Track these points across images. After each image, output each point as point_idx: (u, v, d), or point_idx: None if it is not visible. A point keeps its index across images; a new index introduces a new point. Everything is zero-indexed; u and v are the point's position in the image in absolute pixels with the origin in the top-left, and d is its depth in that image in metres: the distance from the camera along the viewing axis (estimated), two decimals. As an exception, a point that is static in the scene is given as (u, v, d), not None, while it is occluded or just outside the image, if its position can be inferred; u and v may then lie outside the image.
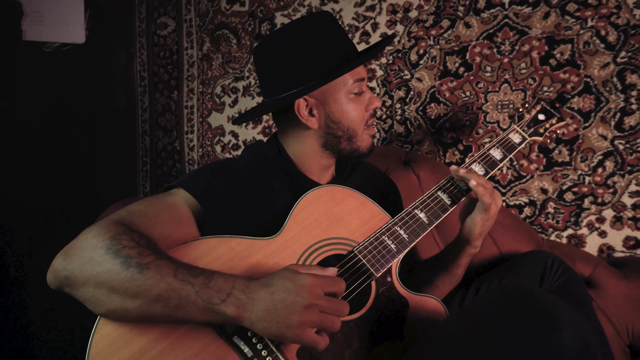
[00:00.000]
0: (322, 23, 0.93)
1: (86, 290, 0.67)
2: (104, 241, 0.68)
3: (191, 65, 1.89)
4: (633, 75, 1.27)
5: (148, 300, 0.66)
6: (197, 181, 0.84)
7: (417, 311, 0.80)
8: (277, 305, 0.66)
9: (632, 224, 1.30)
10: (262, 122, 1.77)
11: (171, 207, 0.80)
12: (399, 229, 0.85)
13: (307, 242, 0.81)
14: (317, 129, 0.94)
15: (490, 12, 1.41)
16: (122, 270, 0.66)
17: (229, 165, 0.91)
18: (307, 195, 0.86)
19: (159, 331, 0.70)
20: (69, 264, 0.68)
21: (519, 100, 1.39)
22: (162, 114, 1.96)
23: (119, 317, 0.68)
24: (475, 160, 0.98)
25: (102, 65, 2.00)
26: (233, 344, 0.71)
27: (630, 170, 1.29)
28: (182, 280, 0.67)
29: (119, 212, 0.76)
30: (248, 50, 1.77)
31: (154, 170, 2.00)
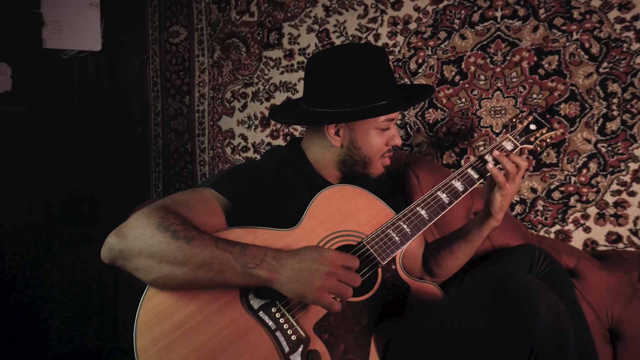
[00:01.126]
0: (374, 56, 1.02)
1: (139, 261, 0.79)
2: (155, 219, 0.80)
3: (202, 72, 2.00)
4: (614, 84, 1.39)
5: (194, 266, 0.78)
6: (228, 183, 0.95)
7: (418, 295, 0.91)
8: (304, 270, 0.78)
9: (613, 220, 1.41)
10: (270, 125, 1.88)
11: (207, 200, 0.91)
12: (402, 224, 0.96)
13: (322, 234, 0.92)
14: (338, 148, 1.05)
15: (483, 25, 1.53)
16: (171, 241, 0.78)
17: (254, 168, 1.02)
18: (322, 193, 0.97)
19: (196, 306, 0.81)
20: (123, 239, 0.80)
21: (510, 106, 1.51)
22: (174, 118, 2.07)
23: (167, 282, 0.80)
24: (472, 165, 1.09)
25: (117, 71, 2.11)
26: (259, 318, 0.82)
27: (612, 171, 1.41)
28: (222, 249, 0.79)
29: (164, 200, 0.87)
30: (257, 58, 1.88)
31: (166, 171, 2.10)
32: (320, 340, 0.83)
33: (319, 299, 0.78)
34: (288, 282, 0.78)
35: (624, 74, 1.38)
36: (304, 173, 1.06)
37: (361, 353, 0.83)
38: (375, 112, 0.98)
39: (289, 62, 1.82)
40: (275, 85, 1.85)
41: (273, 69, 1.85)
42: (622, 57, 1.38)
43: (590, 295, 1.25)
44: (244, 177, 0.98)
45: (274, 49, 1.85)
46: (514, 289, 0.70)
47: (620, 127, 1.39)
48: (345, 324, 0.85)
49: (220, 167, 1.98)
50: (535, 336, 0.68)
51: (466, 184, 1.06)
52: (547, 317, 0.68)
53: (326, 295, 0.78)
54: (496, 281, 0.73)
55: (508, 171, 1.01)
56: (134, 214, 0.84)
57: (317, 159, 1.09)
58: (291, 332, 0.82)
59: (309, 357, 0.80)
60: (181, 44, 2.03)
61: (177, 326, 0.80)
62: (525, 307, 0.68)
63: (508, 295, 0.70)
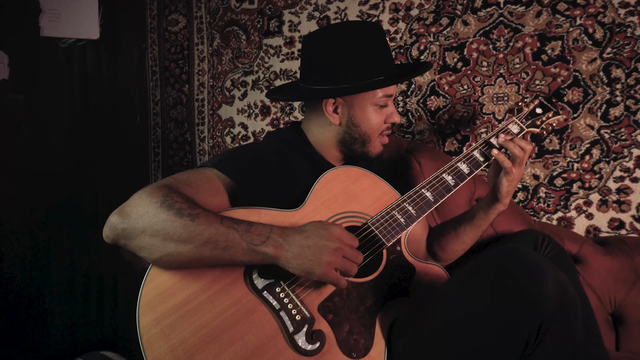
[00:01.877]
0: (371, 33, 1.02)
1: (142, 239, 0.77)
2: (158, 198, 0.79)
3: (202, 60, 1.98)
4: (617, 69, 1.38)
5: (199, 243, 0.77)
6: (230, 163, 0.94)
7: (423, 276, 0.90)
8: (311, 246, 0.78)
9: (616, 206, 1.41)
10: (270, 114, 1.86)
11: (209, 180, 0.90)
12: (407, 205, 0.96)
13: (326, 215, 0.91)
14: (337, 126, 1.04)
15: (486, 10, 1.52)
16: (176, 219, 0.77)
17: (256, 148, 1.01)
18: (327, 174, 0.96)
19: (200, 286, 0.80)
20: (126, 218, 0.78)
21: (513, 92, 1.50)
22: (174, 107, 2.05)
23: (172, 261, 0.78)
24: (478, 147, 1.08)
25: (116, 60, 2.09)
26: (263, 298, 0.81)
27: (615, 157, 1.40)
28: (227, 226, 0.78)
29: (166, 179, 0.86)
30: (257, 46, 1.86)
31: (166, 160, 2.09)
32: (324, 321, 0.82)
33: (326, 275, 0.77)
34: (295, 259, 0.77)
35: (628, 59, 1.37)
36: (306, 154, 1.05)
37: (366, 333, 0.83)
38: (372, 86, 0.97)
39: (290, 49, 1.80)
40: (276, 74, 1.84)
41: (273, 56, 1.83)
42: (626, 42, 1.37)
43: (593, 280, 1.25)
44: (246, 157, 0.96)
45: (274, 37, 1.83)
46: (523, 265, 0.70)
47: (624, 113, 1.38)
48: (350, 304, 0.85)
49: (220, 156, 1.97)
50: (543, 312, 0.67)
51: (472, 167, 1.05)
52: (555, 293, 0.67)
53: (333, 271, 0.78)
54: (504, 257, 0.72)
55: (515, 155, 1.01)
56: (136, 193, 0.83)
57: (317, 139, 1.08)
58: (295, 312, 0.81)
59: (313, 337, 0.79)
60: (180, 33, 2.01)
61: (180, 305, 0.78)
62: (533, 284, 0.67)
63: (517, 272, 0.69)
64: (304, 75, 1.07)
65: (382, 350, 0.81)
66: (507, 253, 0.73)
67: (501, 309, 0.68)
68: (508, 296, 0.68)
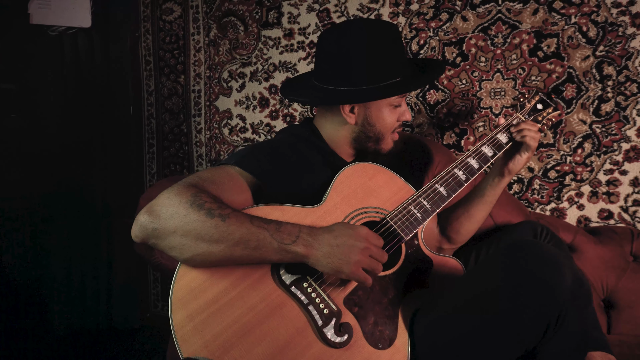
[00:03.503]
0: (390, 34, 1.03)
1: (173, 239, 0.79)
2: (187, 198, 0.80)
3: (198, 51, 1.96)
4: (609, 67, 1.44)
5: (231, 243, 0.79)
6: (252, 160, 0.96)
7: (440, 268, 0.95)
8: (340, 245, 0.81)
9: (606, 197, 1.48)
10: (269, 106, 1.87)
11: (233, 177, 0.92)
12: (423, 200, 1.00)
13: (347, 210, 0.95)
14: (352, 125, 1.06)
15: (485, 7, 1.55)
16: (207, 219, 0.78)
17: (274, 145, 1.03)
18: (345, 170, 0.99)
19: (229, 282, 0.83)
20: (156, 218, 0.80)
21: (510, 88, 1.55)
22: (169, 98, 2.03)
23: (204, 260, 0.80)
24: (485, 143, 1.12)
25: (108, 49, 2.05)
26: (291, 293, 0.84)
27: (605, 151, 1.47)
28: (258, 226, 0.80)
29: (191, 177, 0.87)
30: (255, 37, 1.86)
31: (161, 152, 2.07)
32: (350, 313, 0.86)
33: (355, 274, 0.81)
34: (325, 257, 0.80)
35: (619, 57, 1.43)
36: (320, 150, 1.08)
37: (390, 324, 0.87)
38: (394, 91, 1.00)
39: (289, 41, 1.81)
40: (275, 65, 1.84)
41: (272, 48, 1.83)
42: (617, 41, 1.43)
43: (587, 268, 1.32)
44: (266, 154, 0.98)
45: (273, 28, 1.83)
46: (543, 257, 0.75)
47: (614, 109, 1.45)
48: (374, 297, 0.89)
49: (218, 148, 1.97)
50: (562, 301, 0.72)
51: (481, 162, 1.10)
52: (572, 283, 0.73)
53: (361, 270, 0.81)
54: (525, 249, 0.77)
55: (533, 137, 1.10)
56: (163, 193, 0.84)
57: (330, 136, 1.11)
58: (323, 306, 0.84)
59: (341, 329, 0.83)
60: (175, 22, 1.99)
61: (211, 302, 0.81)
62: (553, 275, 0.72)
63: (538, 263, 0.74)
64: (321, 73, 1.08)
65: (405, 340, 0.86)
66: (527, 245, 0.78)
67: (524, 297, 0.73)
68: (531, 286, 0.73)
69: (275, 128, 1.87)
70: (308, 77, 1.16)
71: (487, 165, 1.12)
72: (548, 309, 0.72)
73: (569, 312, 0.73)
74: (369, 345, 0.84)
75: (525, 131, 1.12)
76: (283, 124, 1.85)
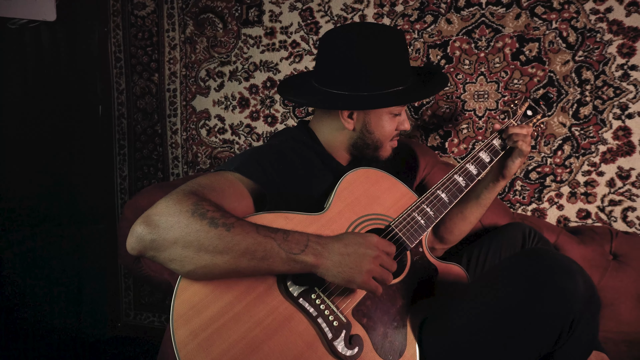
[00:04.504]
0: (396, 42, 1.01)
1: (174, 251, 0.74)
2: (188, 206, 0.75)
3: (173, 48, 1.88)
4: (588, 71, 1.49)
5: (236, 254, 0.74)
6: (252, 165, 0.91)
7: (445, 276, 0.94)
8: (351, 254, 0.78)
9: (584, 198, 1.53)
10: (249, 107, 1.82)
11: (233, 184, 0.87)
12: (426, 207, 0.99)
13: (351, 217, 0.92)
14: (350, 131, 1.04)
15: (469, 10, 1.57)
16: (210, 229, 0.74)
17: (274, 148, 0.98)
18: (347, 176, 0.96)
19: (233, 296, 0.78)
20: (155, 228, 0.74)
21: (493, 91, 1.57)
22: (142, 97, 1.94)
23: (207, 273, 0.76)
24: (482, 149, 1.13)
25: (75, 45, 1.93)
26: (299, 305, 0.81)
27: (584, 153, 1.52)
28: (265, 235, 0.76)
29: (190, 185, 0.82)
30: (235, 35, 1.80)
31: (133, 153, 1.98)
32: (359, 325, 0.84)
33: (366, 283, 0.78)
34: (335, 267, 0.77)
35: (597, 62, 1.48)
36: (319, 154, 1.05)
37: (399, 334, 0.85)
38: (397, 100, 0.98)
39: (270, 40, 1.76)
40: (255, 65, 1.79)
41: (253, 47, 1.78)
42: (595, 47, 1.48)
43: (570, 267, 1.35)
44: (268, 159, 0.94)
45: (253, 27, 1.78)
46: (556, 266, 0.75)
47: (592, 112, 1.50)
48: (382, 307, 0.87)
49: (195, 149, 1.90)
50: (576, 309, 0.73)
51: (479, 168, 1.10)
52: (584, 289, 0.73)
53: (372, 280, 0.79)
54: (537, 258, 0.77)
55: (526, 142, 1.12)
56: (161, 201, 0.78)
57: (327, 140, 1.08)
58: (333, 318, 0.82)
59: (351, 342, 0.81)
60: (148, 17, 1.89)
61: (216, 317, 0.76)
62: (567, 283, 0.73)
63: (551, 271, 0.74)
64: (322, 75, 1.05)
65: (415, 351, 0.85)
66: (540, 254, 0.78)
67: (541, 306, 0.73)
68: (547, 295, 0.73)
69: (256, 129, 1.82)
70: (307, 77, 1.12)
71: (485, 171, 1.13)
72: (564, 317, 0.73)
73: (582, 319, 0.74)
74: (379, 358, 0.82)
75: (516, 136, 1.14)
76: (264, 125, 1.81)
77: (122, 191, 1.99)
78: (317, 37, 1.71)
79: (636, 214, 1.49)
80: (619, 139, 1.49)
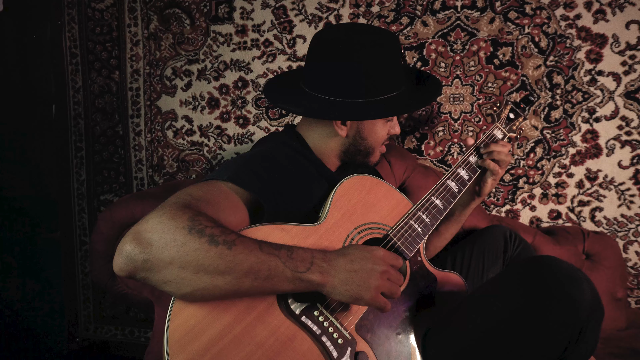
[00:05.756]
0: (393, 47, 0.98)
1: (169, 272, 0.67)
2: (184, 222, 0.68)
3: (135, 44, 1.77)
4: (558, 76, 1.53)
5: (239, 274, 0.69)
6: (247, 175, 0.85)
7: (444, 285, 0.93)
8: (358, 270, 0.74)
9: (555, 199, 1.58)
10: (219, 107, 1.74)
11: (228, 195, 0.81)
12: (422, 214, 0.96)
13: (349, 227, 0.88)
14: (343, 137, 1.00)
15: (444, 13, 1.57)
16: (210, 247, 0.67)
17: (270, 156, 0.92)
18: (343, 184, 0.92)
19: (232, 317, 0.73)
20: (147, 247, 0.67)
21: (468, 94, 1.58)
22: (100, 96, 1.81)
23: (205, 295, 0.69)
24: (471, 153, 1.12)
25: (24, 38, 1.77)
26: (301, 324, 0.76)
27: (555, 155, 1.56)
28: (268, 253, 0.71)
29: (181, 197, 0.75)
30: (203, 32, 1.71)
31: (91, 156, 1.84)
32: (364, 341, 0.80)
33: (375, 300, 0.75)
34: (342, 285, 0.73)
35: (567, 68, 1.52)
36: (310, 161, 1.00)
37: (403, 348, 0.82)
38: (399, 109, 0.96)
39: (242, 38, 1.69)
40: (226, 64, 1.71)
41: (223, 45, 1.70)
42: (565, 52, 1.52)
43: (547, 268, 1.39)
44: (263, 167, 0.88)
45: (223, 24, 1.70)
46: (563, 274, 0.74)
47: (562, 116, 1.54)
48: (385, 320, 0.84)
49: (161, 152, 1.79)
50: (584, 318, 0.73)
51: (470, 173, 1.09)
52: (591, 297, 0.74)
53: (380, 296, 0.75)
54: (543, 266, 0.77)
55: (503, 160, 1.08)
56: (152, 216, 0.70)
57: (318, 146, 1.04)
58: (337, 336, 0.77)
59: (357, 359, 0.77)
60: (107, 11, 1.77)
61: (214, 341, 0.70)
62: (576, 291, 0.72)
63: (558, 280, 0.74)
64: (313, 79, 1.00)
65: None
66: (546, 262, 0.77)
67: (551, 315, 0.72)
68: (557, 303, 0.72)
69: (227, 131, 1.74)
70: (294, 78, 1.07)
71: (476, 176, 1.12)
72: (573, 326, 0.72)
73: (589, 328, 0.74)
74: (386, 373, 0.79)
75: (497, 154, 1.10)
76: (236, 127, 1.73)
77: (80, 197, 1.85)
78: (291, 36, 1.66)
79: (603, 214, 1.55)
80: (587, 141, 1.54)
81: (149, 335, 1.84)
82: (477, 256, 1.25)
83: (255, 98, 1.70)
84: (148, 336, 1.84)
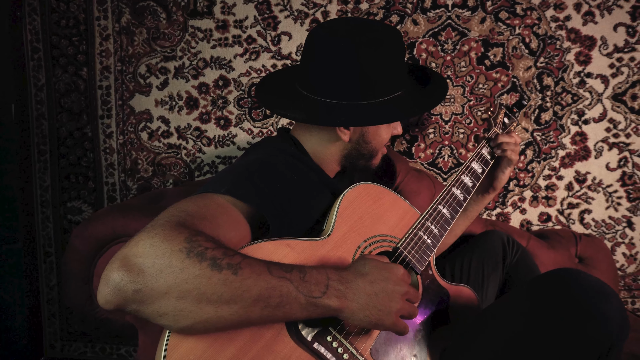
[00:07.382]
0: (399, 44, 0.92)
1: (165, 303, 0.58)
2: (181, 244, 0.59)
3: (105, 39, 1.63)
4: (548, 78, 1.52)
5: (247, 303, 0.60)
6: (246, 186, 0.76)
7: (456, 299, 0.87)
8: (379, 293, 0.67)
9: (544, 201, 1.56)
10: (198, 108, 1.63)
11: (227, 210, 0.72)
12: (430, 224, 0.91)
13: (357, 241, 0.81)
14: (345, 142, 0.93)
15: (435, 12, 1.53)
16: (213, 273, 0.59)
17: (270, 165, 0.84)
18: (348, 193, 0.85)
19: (237, 348, 0.64)
20: (138, 275, 0.57)
21: (459, 95, 1.55)
22: (66, 94, 1.66)
23: (207, 327, 0.61)
24: (474, 159, 1.08)
25: (-21, 30, 1.61)
26: (314, 352, 0.69)
27: (545, 157, 1.55)
28: (279, 276, 0.63)
29: (174, 213, 0.65)
30: (181, 27, 1.60)
31: (56, 160, 1.70)
32: (380, 366, 0.73)
33: (395, 325, 0.68)
34: (362, 310, 0.66)
35: (557, 69, 1.51)
36: (310, 168, 0.92)
37: (421, 371, 0.76)
38: (411, 111, 0.90)
39: (223, 34, 1.59)
40: (205, 61, 1.61)
41: (202, 41, 1.60)
42: (555, 54, 1.50)
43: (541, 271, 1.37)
44: (264, 178, 0.79)
45: (203, 19, 1.59)
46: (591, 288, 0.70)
47: (552, 118, 1.53)
48: (400, 342, 0.77)
49: (135, 155, 1.67)
50: (614, 334, 0.69)
51: (474, 179, 1.05)
52: (619, 313, 0.70)
53: (400, 320, 0.69)
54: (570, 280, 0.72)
55: (514, 151, 1.11)
56: (141, 237, 0.61)
57: (316, 151, 0.96)
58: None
59: (374, 387, 0.70)
60: (73, 2, 1.63)
61: (219, 378, 0.62)
62: (605, 306, 0.68)
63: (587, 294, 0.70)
64: (312, 80, 0.92)
65: (439, 387, 0.76)
66: (572, 277, 0.73)
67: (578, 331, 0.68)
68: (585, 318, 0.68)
69: (207, 133, 1.64)
70: (286, 79, 0.99)
71: (479, 182, 1.08)
72: (603, 343, 0.68)
73: (616, 345, 0.70)
74: (405, 401, 0.72)
75: (504, 145, 1.11)
76: (216, 129, 1.63)
77: (44, 204, 1.71)
78: (276, 33, 1.57)
79: (592, 216, 1.55)
80: (576, 144, 1.53)
81: (122, 352, 1.71)
82: (476, 264, 1.21)
83: (237, 98, 1.61)
84: (121, 352, 1.71)
